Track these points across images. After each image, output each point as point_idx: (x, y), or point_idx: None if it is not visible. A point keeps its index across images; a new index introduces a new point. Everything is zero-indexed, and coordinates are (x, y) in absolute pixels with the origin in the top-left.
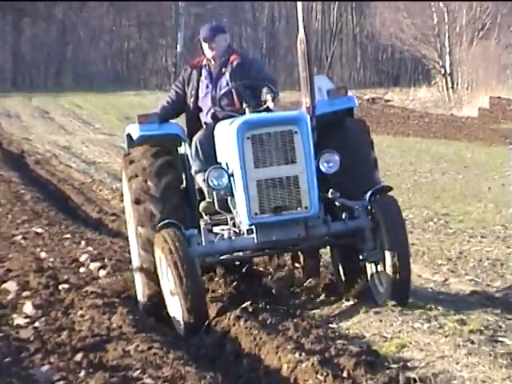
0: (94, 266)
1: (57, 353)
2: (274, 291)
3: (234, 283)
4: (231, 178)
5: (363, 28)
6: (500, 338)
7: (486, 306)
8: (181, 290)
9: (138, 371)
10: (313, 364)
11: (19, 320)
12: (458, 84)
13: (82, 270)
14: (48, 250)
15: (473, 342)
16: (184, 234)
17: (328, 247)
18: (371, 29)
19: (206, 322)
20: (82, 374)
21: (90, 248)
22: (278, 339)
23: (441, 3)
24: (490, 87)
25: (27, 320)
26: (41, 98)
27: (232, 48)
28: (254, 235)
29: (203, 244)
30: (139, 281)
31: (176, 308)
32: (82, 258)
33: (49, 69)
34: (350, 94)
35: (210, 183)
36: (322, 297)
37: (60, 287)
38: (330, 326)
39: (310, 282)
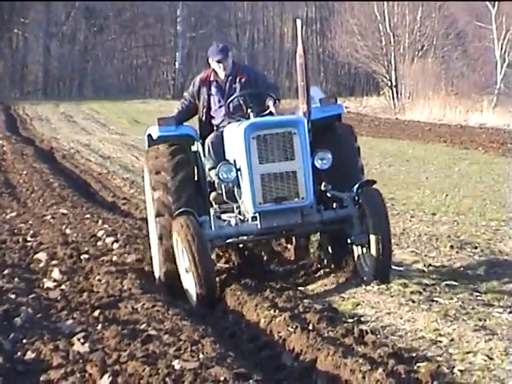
0: (108, 240)
1: (79, 310)
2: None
3: (232, 258)
4: (238, 172)
5: (325, 49)
6: (435, 298)
7: (424, 273)
8: (194, 267)
9: (144, 325)
10: (285, 319)
11: (48, 283)
12: (401, 94)
13: (99, 243)
14: (72, 227)
15: (413, 301)
16: (197, 220)
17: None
18: (332, 49)
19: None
20: (99, 327)
21: (105, 225)
22: (257, 299)
23: (387, 29)
24: (428, 96)
25: (55, 283)
26: (66, 105)
27: (236, 63)
28: (258, 221)
29: (213, 229)
30: (157, 261)
31: (190, 283)
32: (99, 234)
33: (73, 81)
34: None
35: (221, 176)
36: (303, 270)
37: (81, 257)
38: (299, 288)
39: (299, 260)
